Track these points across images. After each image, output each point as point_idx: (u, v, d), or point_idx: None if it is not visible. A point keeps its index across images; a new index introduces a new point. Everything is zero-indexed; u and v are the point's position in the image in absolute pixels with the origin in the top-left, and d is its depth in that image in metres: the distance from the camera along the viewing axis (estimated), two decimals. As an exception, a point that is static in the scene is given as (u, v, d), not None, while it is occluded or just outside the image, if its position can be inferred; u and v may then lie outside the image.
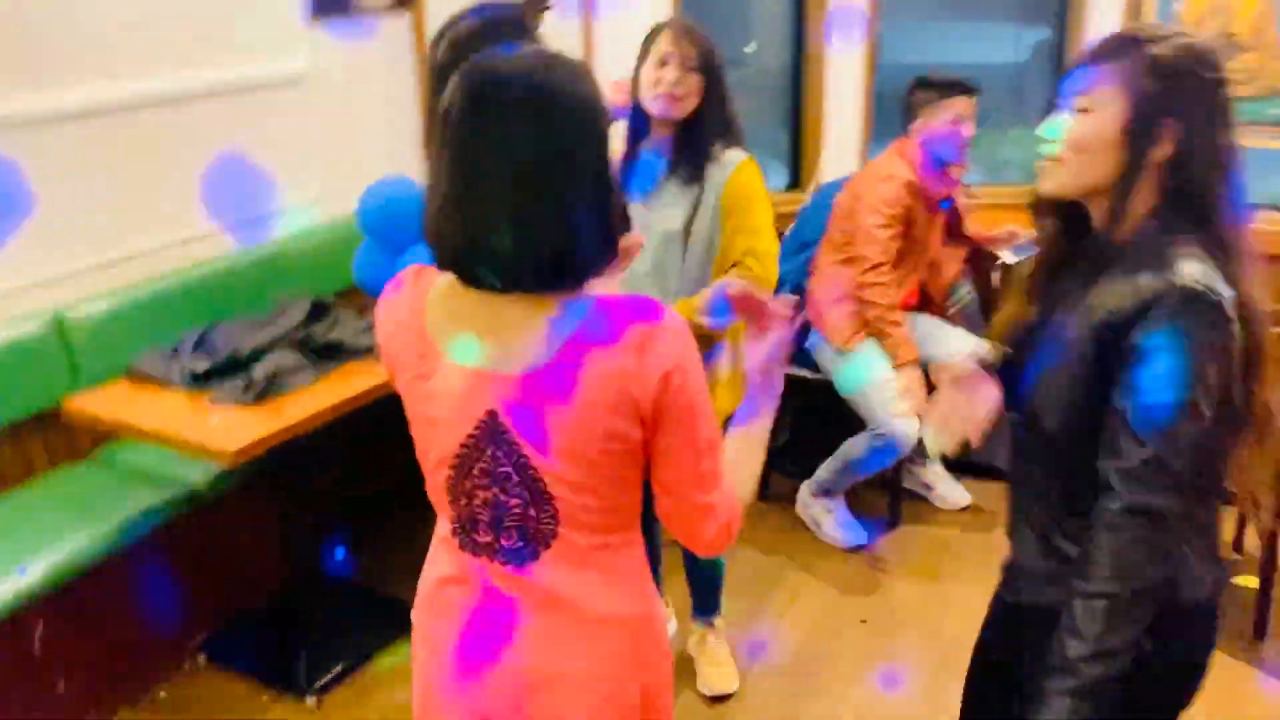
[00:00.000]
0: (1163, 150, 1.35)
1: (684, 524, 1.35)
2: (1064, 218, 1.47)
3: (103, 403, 2.50)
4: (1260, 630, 2.82)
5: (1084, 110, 1.37)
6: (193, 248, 3.04)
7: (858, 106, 3.93)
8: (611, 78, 2.41)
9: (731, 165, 2.27)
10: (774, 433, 3.78)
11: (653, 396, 1.23)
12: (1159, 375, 1.29)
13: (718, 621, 2.73)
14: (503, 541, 1.32)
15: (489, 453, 1.28)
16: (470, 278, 1.25)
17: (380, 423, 3.11)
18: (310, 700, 2.63)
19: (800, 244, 3.64)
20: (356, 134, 3.46)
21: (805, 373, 3.35)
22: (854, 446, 3.21)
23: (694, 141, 2.26)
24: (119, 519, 2.53)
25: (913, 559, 3.20)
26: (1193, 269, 1.31)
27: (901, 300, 3.22)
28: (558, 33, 3.56)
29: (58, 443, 2.77)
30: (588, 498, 1.29)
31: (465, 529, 1.35)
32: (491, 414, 1.26)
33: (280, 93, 3.25)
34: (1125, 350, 1.32)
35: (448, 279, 1.29)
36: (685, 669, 2.71)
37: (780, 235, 3.79)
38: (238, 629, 2.89)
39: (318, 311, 2.79)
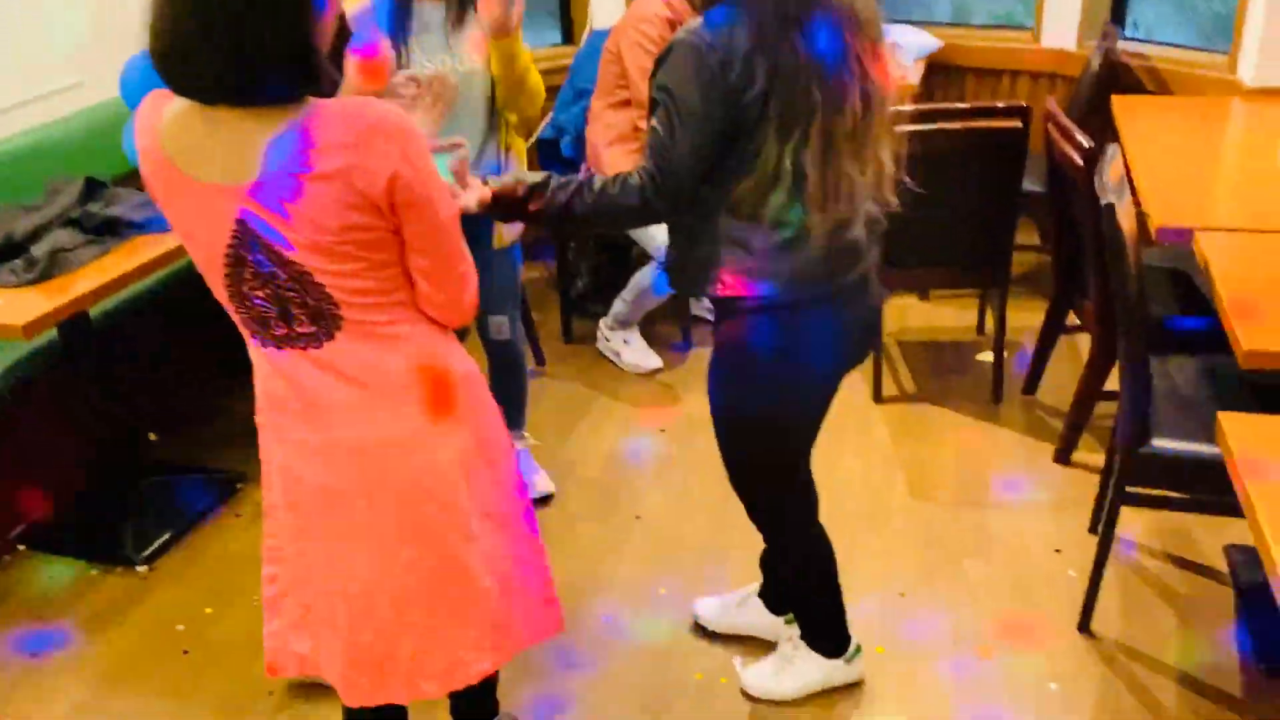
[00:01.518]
0: None
1: (447, 300, 1.50)
2: None
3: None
4: (997, 395, 3.27)
5: None
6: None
7: (618, -44, 4.04)
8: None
9: None
10: (572, 279, 3.96)
11: (383, 190, 1.35)
12: (659, 103, 1.66)
13: (527, 435, 2.96)
14: (297, 329, 1.45)
15: (250, 258, 1.40)
16: (181, 90, 1.33)
17: (177, 301, 3.17)
18: (141, 569, 2.70)
19: (576, 93, 3.78)
20: (112, 14, 3.34)
21: (590, 214, 3.52)
22: (643, 277, 3.44)
23: None
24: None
25: (704, 376, 3.48)
26: (696, 25, 1.64)
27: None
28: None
29: None
30: (355, 281, 1.42)
31: (260, 327, 1.47)
32: (240, 223, 1.37)
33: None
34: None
35: (182, 102, 1.37)
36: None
37: (555, 89, 3.95)
38: (57, 517, 2.91)
39: (92, 190, 2.76)
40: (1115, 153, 2.27)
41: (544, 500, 2.87)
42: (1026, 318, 3.55)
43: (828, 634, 2.20)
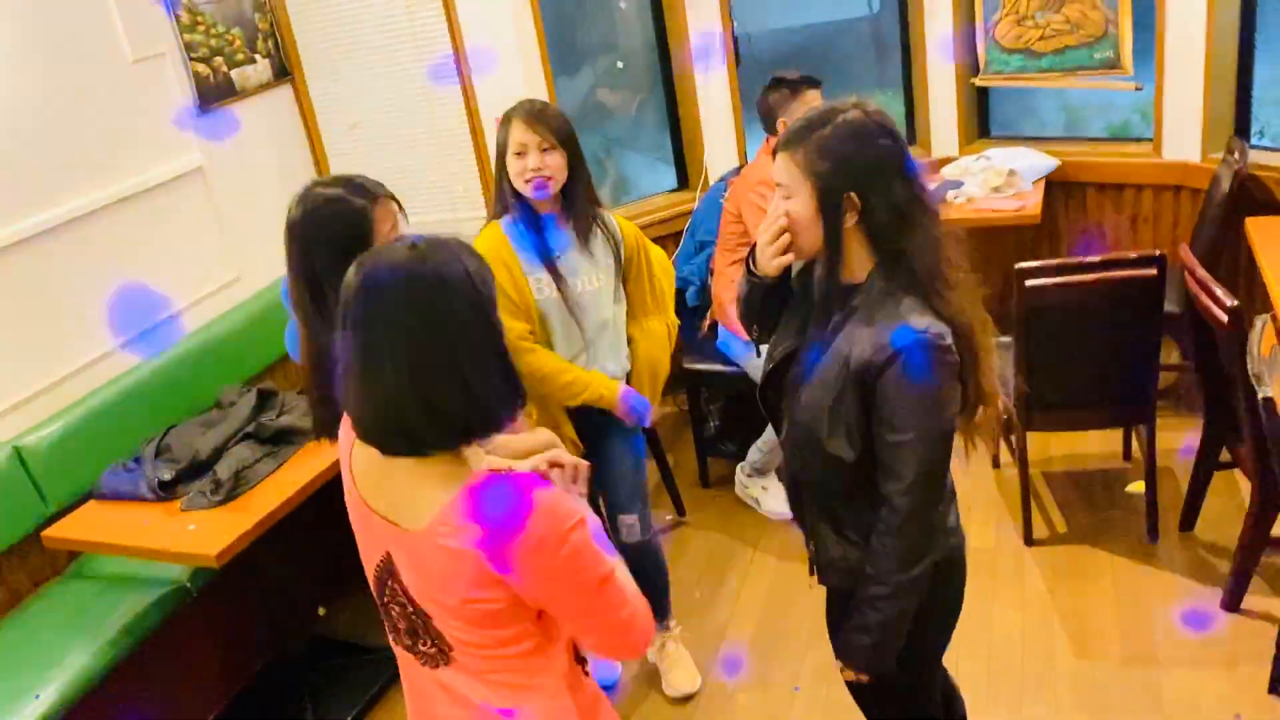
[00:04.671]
0: (850, 218, 1.62)
1: (610, 645, 1.53)
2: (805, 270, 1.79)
3: (80, 528, 2.64)
4: (1153, 533, 3.19)
5: (788, 196, 1.66)
6: (126, 352, 3.18)
7: (727, 101, 4.16)
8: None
9: (613, 220, 2.56)
10: (704, 422, 4.01)
11: (516, 571, 1.36)
12: (914, 413, 1.62)
13: (672, 625, 2.95)
14: (420, 646, 1.53)
15: (389, 583, 1.49)
16: (380, 445, 1.40)
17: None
18: (325, 757, 2.83)
19: (697, 245, 3.90)
20: (260, 209, 3.60)
21: (721, 367, 3.60)
22: (777, 427, 3.48)
23: (578, 206, 2.48)
24: (115, 628, 2.68)
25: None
26: (918, 321, 1.61)
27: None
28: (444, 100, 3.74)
29: (37, 564, 2.91)
30: (470, 635, 1.46)
31: (394, 630, 1.56)
32: (388, 555, 1.47)
33: (183, 188, 3.38)
34: (883, 393, 1.63)
35: None
36: (652, 674, 2.98)
37: (677, 235, 4.07)
38: (242, 707, 3.06)
39: (263, 400, 2.96)
40: (1265, 325, 2.24)
41: (687, 698, 2.87)
42: (1174, 438, 3.47)
43: None
